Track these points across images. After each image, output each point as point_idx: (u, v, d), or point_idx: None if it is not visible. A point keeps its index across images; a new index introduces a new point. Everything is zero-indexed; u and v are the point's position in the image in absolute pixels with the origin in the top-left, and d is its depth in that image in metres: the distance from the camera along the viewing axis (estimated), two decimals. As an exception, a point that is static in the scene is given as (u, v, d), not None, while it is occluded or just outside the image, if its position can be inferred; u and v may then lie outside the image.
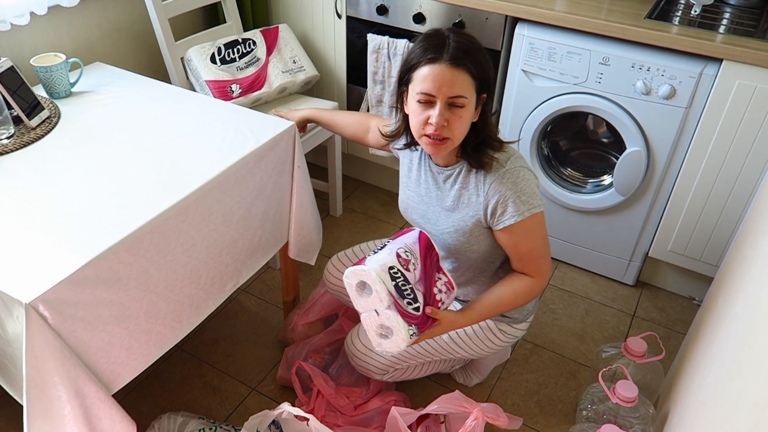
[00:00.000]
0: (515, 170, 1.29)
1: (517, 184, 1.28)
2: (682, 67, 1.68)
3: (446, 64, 1.19)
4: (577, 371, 1.84)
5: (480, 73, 1.22)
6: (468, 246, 1.39)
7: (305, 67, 2.17)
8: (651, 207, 1.94)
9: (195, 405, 1.70)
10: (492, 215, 1.32)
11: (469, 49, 1.20)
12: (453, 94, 1.20)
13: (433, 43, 1.21)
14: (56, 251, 1.11)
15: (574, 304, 2.09)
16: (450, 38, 1.21)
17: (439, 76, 1.19)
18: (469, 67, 1.19)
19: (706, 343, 1.30)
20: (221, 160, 1.38)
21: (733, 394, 0.88)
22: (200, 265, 1.36)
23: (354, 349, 1.54)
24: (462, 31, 1.27)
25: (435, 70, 1.19)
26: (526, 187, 1.29)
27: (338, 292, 1.68)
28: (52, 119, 1.51)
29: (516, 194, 1.28)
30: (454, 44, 1.20)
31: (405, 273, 1.27)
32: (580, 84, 1.84)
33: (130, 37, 2.05)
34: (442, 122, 1.22)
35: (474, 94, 1.22)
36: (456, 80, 1.19)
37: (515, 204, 1.28)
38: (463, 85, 1.20)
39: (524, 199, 1.29)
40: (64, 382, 1.09)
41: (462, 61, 1.19)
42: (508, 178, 1.28)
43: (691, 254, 1.94)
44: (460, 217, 1.36)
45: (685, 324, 2.01)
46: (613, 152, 2.06)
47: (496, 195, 1.29)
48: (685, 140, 1.78)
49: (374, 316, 1.27)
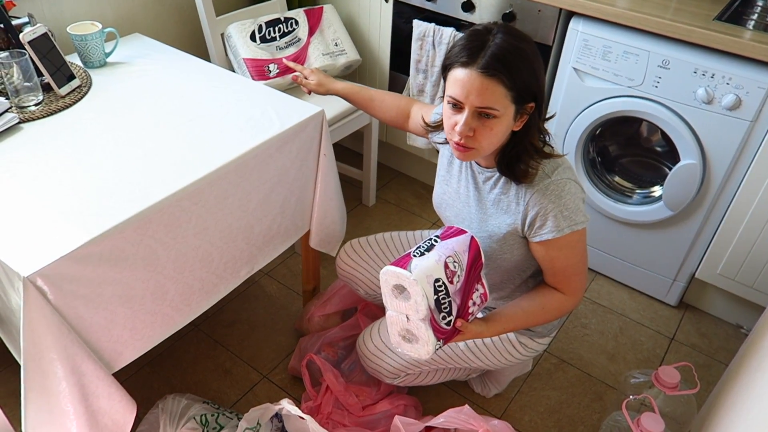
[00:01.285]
0: (561, 182, 1.19)
1: (561, 198, 1.18)
2: (752, 77, 1.53)
3: (478, 72, 1.07)
4: (604, 393, 1.73)
5: (519, 84, 1.08)
6: (500, 253, 1.31)
7: (347, 50, 2.10)
8: (702, 225, 1.80)
9: (204, 387, 1.68)
10: (530, 226, 1.23)
11: (509, 57, 1.07)
12: (481, 105, 1.09)
13: (472, 43, 1.09)
14: (62, 225, 1.09)
15: (608, 320, 1.96)
16: (493, 40, 1.08)
17: (468, 83, 1.09)
18: (503, 78, 1.07)
19: (749, 379, 1.18)
20: (242, 143, 1.33)
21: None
22: (213, 249, 1.33)
23: (365, 349, 1.49)
24: (514, 30, 1.11)
25: (465, 76, 1.09)
26: (570, 202, 1.19)
27: (349, 280, 1.62)
28: (83, 89, 1.50)
29: (558, 208, 1.18)
30: (494, 49, 1.07)
31: (448, 286, 1.17)
32: (635, 87, 1.70)
33: (173, 10, 2.03)
34: (467, 132, 1.13)
35: (510, 105, 1.10)
36: (486, 91, 1.08)
37: (556, 218, 1.19)
38: (494, 97, 1.08)
39: (566, 215, 1.19)
40: (60, 359, 1.07)
41: (496, 70, 1.06)
42: (552, 191, 1.18)
43: (742, 280, 1.79)
44: (496, 222, 1.27)
45: (729, 353, 1.87)
46: (667, 162, 1.91)
47: (537, 206, 1.19)
48: (747, 157, 1.63)
49: (403, 320, 1.19)
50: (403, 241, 1.62)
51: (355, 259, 1.59)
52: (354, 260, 1.59)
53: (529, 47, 1.10)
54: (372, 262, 1.59)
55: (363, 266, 1.59)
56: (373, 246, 1.61)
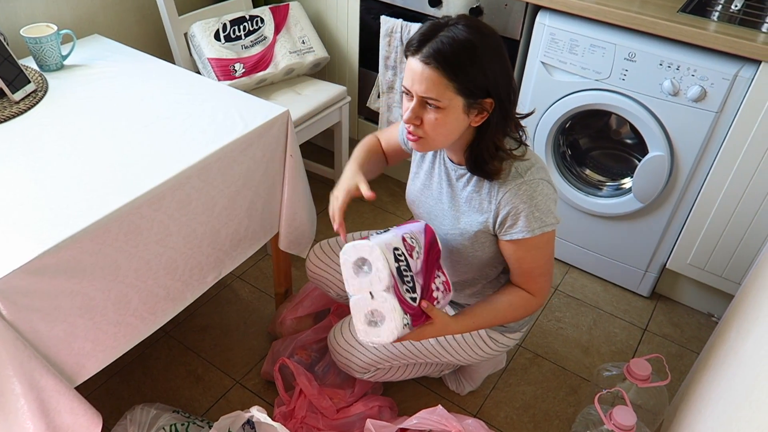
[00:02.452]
0: (534, 183, 1.18)
1: (533, 198, 1.18)
2: (716, 68, 1.53)
3: (419, 61, 1.07)
4: (579, 386, 1.74)
5: (462, 78, 1.06)
6: (472, 251, 1.30)
7: (315, 48, 2.07)
8: (672, 216, 1.81)
9: (176, 394, 1.65)
10: (501, 225, 1.22)
11: (454, 49, 1.05)
12: (423, 94, 1.09)
13: (424, 32, 1.08)
14: (14, 237, 1.05)
15: (582, 313, 1.97)
16: (445, 31, 1.07)
17: (411, 71, 1.09)
18: (444, 70, 1.05)
19: (716, 371, 1.19)
20: (204, 146, 1.30)
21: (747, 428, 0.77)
22: (177, 256, 1.29)
23: (336, 344, 1.47)
24: (476, 24, 1.08)
25: (411, 64, 1.09)
26: (542, 203, 1.18)
27: (319, 282, 1.60)
28: (38, 93, 1.45)
29: (530, 209, 1.18)
30: (442, 40, 1.05)
31: (408, 259, 1.18)
32: (602, 80, 1.70)
33: (134, 10, 1.98)
34: (414, 120, 1.13)
35: (455, 97, 1.08)
36: (426, 80, 1.07)
37: (527, 219, 1.18)
38: (436, 87, 1.07)
39: (538, 215, 1.18)
40: (17, 375, 1.03)
41: (435, 61, 1.05)
42: (524, 191, 1.17)
43: (712, 269, 1.81)
44: (468, 220, 1.26)
45: (700, 342, 1.89)
46: (636, 154, 1.92)
47: (509, 206, 1.18)
48: (713, 147, 1.64)
49: (367, 300, 1.17)
50: None
51: (324, 260, 1.57)
52: (324, 262, 1.57)
53: (485, 41, 1.07)
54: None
55: (333, 267, 1.57)
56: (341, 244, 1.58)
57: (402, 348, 1.43)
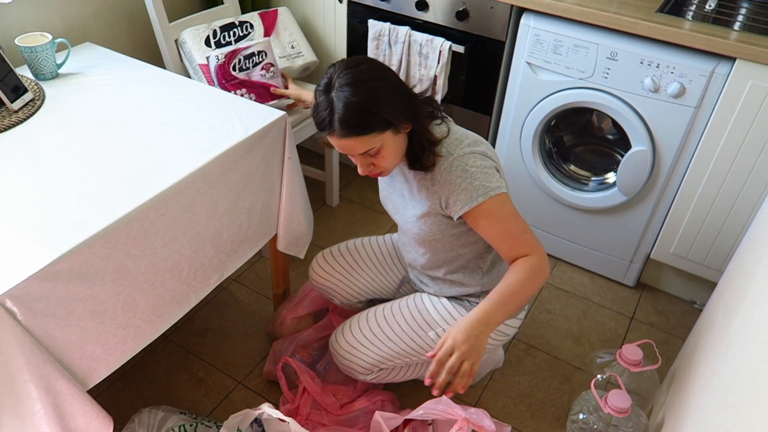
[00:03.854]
0: (464, 157, 1.25)
1: (466, 171, 1.24)
2: (693, 65, 1.61)
3: (339, 137, 1.19)
4: (572, 374, 1.80)
5: (378, 124, 1.18)
6: (432, 235, 1.37)
7: (304, 52, 2.11)
8: (655, 208, 1.88)
9: (179, 397, 1.67)
10: (447, 205, 1.29)
11: (353, 111, 1.16)
12: (360, 152, 1.21)
13: (322, 112, 1.19)
14: (28, 244, 1.07)
15: (571, 304, 2.04)
16: (336, 101, 1.16)
17: (340, 146, 1.21)
18: (359, 132, 1.17)
19: (704, 355, 1.25)
20: (207, 150, 1.33)
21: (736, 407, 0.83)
22: (182, 259, 1.32)
23: (338, 346, 1.50)
24: (352, 72, 1.17)
25: (335, 141, 1.21)
26: (477, 172, 1.24)
27: (324, 289, 1.64)
28: (36, 102, 1.46)
29: (466, 181, 1.24)
30: (339, 112, 1.16)
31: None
32: (586, 79, 1.77)
33: (124, 17, 1.99)
34: (367, 169, 1.27)
35: (383, 134, 1.19)
36: (355, 145, 1.19)
37: (466, 191, 1.24)
38: (364, 143, 1.19)
39: (476, 185, 1.23)
40: (34, 380, 1.05)
41: (350, 130, 1.17)
42: (456, 166, 1.25)
43: (694, 258, 1.89)
44: (422, 206, 1.34)
45: (685, 329, 1.96)
46: (619, 149, 1.99)
47: (447, 184, 1.26)
48: (692, 141, 1.71)
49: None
50: (374, 246, 1.66)
51: (328, 270, 1.63)
52: (327, 271, 1.63)
53: (368, 86, 1.17)
54: (345, 272, 1.63)
55: (337, 277, 1.62)
56: (345, 256, 1.64)
57: (405, 346, 1.47)
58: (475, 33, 1.91)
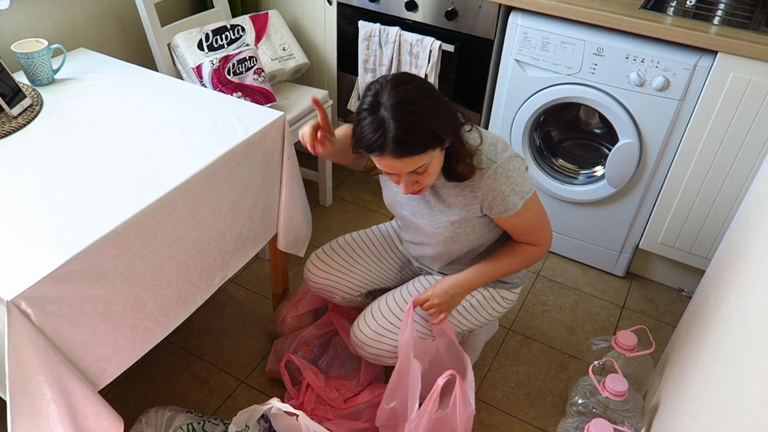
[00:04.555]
0: (506, 163, 1.29)
1: (509, 177, 1.29)
2: (677, 59, 1.66)
3: (393, 157, 1.17)
4: (567, 363, 1.84)
5: (429, 143, 1.18)
6: (464, 235, 1.40)
7: (295, 54, 2.13)
8: (642, 199, 1.94)
9: (183, 398, 1.68)
10: (489, 208, 1.33)
11: (410, 131, 1.15)
12: (410, 170, 1.21)
13: (373, 133, 1.15)
14: (38, 247, 1.08)
15: (564, 295, 2.09)
16: (388, 120, 1.14)
17: (390, 166, 1.20)
18: (413, 152, 1.17)
19: (697, 338, 1.30)
20: (209, 151, 1.35)
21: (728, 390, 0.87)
22: (188, 259, 1.34)
23: (362, 340, 1.50)
24: (401, 91, 1.16)
25: (385, 161, 1.19)
26: (518, 177, 1.30)
27: (323, 290, 1.64)
28: (35, 107, 1.47)
29: (510, 187, 1.29)
30: (394, 132, 1.14)
31: None
32: (573, 74, 1.82)
33: (115, 22, 2.00)
34: (412, 189, 1.26)
35: (432, 152, 1.19)
36: (407, 164, 1.18)
37: (509, 197, 1.30)
38: (416, 162, 1.19)
39: (517, 190, 1.30)
40: (48, 380, 1.06)
41: (408, 150, 1.16)
42: (501, 173, 1.28)
43: (681, 246, 1.95)
44: (456, 212, 1.36)
45: (674, 316, 2.02)
46: (605, 143, 2.05)
47: (492, 191, 1.29)
48: (677, 133, 1.77)
49: None
50: (366, 238, 1.66)
51: (324, 269, 1.60)
52: (324, 270, 1.60)
53: (420, 105, 1.16)
54: (343, 268, 1.61)
55: (335, 274, 1.61)
56: (339, 252, 1.62)
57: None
58: (464, 32, 1.96)
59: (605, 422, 1.32)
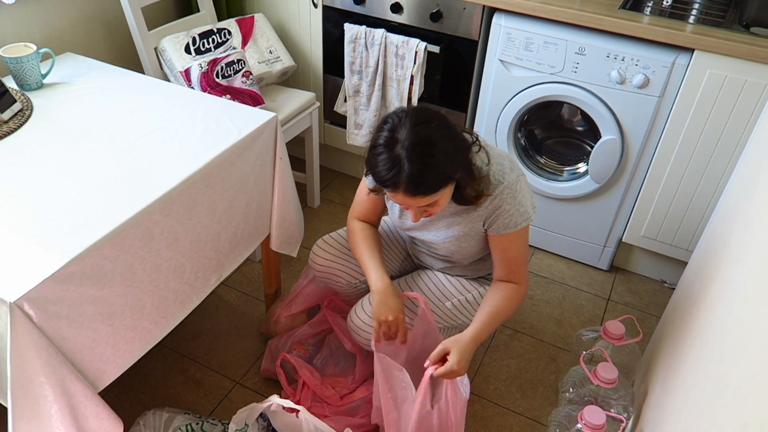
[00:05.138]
0: (513, 183, 1.33)
1: (515, 198, 1.33)
2: (656, 57, 1.72)
3: (405, 193, 1.20)
4: (557, 355, 1.89)
5: (443, 182, 1.21)
6: (468, 248, 1.44)
7: (282, 57, 2.15)
8: (625, 194, 1.99)
9: (178, 400, 1.68)
10: (491, 224, 1.37)
11: (425, 174, 1.17)
12: (420, 206, 1.24)
13: (389, 170, 1.18)
14: (38, 249, 1.08)
15: (551, 289, 2.13)
16: (404, 160, 1.16)
17: (403, 201, 1.24)
18: (427, 192, 1.20)
19: (684, 324, 1.35)
20: (204, 152, 1.36)
21: (719, 369, 0.91)
22: (184, 260, 1.34)
23: (359, 321, 1.52)
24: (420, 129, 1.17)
25: (398, 197, 1.22)
26: (524, 198, 1.35)
27: (327, 275, 1.63)
28: (25, 112, 1.46)
29: (515, 207, 1.34)
30: (408, 173, 1.16)
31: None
32: (556, 73, 1.86)
33: (101, 27, 2.00)
34: (419, 218, 1.30)
35: (443, 189, 1.22)
36: (419, 201, 1.22)
37: (513, 216, 1.34)
38: (428, 199, 1.22)
39: (522, 210, 1.34)
40: (50, 381, 1.07)
41: (421, 191, 1.19)
42: (508, 193, 1.32)
43: (663, 239, 2.00)
44: (461, 227, 1.40)
45: (657, 306, 2.08)
46: (587, 140, 2.10)
47: (497, 209, 1.34)
48: (658, 128, 1.83)
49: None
50: None
51: (331, 252, 1.60)
52: (331, 253, 1.60)
53: (438, 148, 1.17)
54: (348, 253, 1.61)
55: (341, 258, 1.61)
56: (342, 240, 1.63)
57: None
58: (449, 33, 1.99)
59: (598, 409, 1.36)
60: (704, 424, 0.88)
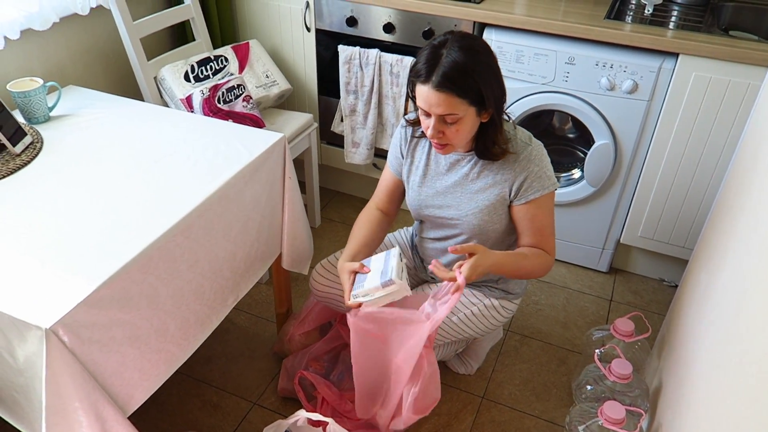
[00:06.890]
0: (539, 147, 1.41)
1: (542, 160, 1.39)
2: (643, 63, 1.79)
3: (433, 88, 1.23)
4: (566, 357, 1.92)
5: (470, 94, 1.24)
6: (491, 225, 1.45)
7: (278, 81, 2.19)
8: (620, 196, 2.05)
9: (197, 424, 1.68)
10: (518, 190, 1.39)
11: (460, 71, 1.21)
12: (442, 113, 1.26)
13: (428, 61, 1.24)
14: (65, 275, 1.09)
15: (554, 294, 2.17)
16: (445, 56, 1.22)
17: (427, 98, 1.26)
18: (455, 91, 1.23)
19: (691, 320, 1.39)
20: (219, 174, 1.39)
21: (739, 348, 0.95)
22: (204, 281, 1.36)
23: (319, 276, 1.63)
24: (467, 42, 1.25)
25: (424, 91, 1.25)
26: (547, 165, 1.41)
27: (326, 300, 1.67)
28: (36, 144, 1.48)
29: (542, 169, 1.38)
30: (445, 66, 1.21)
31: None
32: (548, 83, 1.93)
33: (100, 59, 2.03)
34: (436, 134, 1.31)
35: (469, 107, 1.26)
36: (443, 103, 1.24)
37: (541, 179, 1.38)
38: (451, 106, 1.24)
39: (548, 174, 1.40)
40: (84, 407, 1.07)
41: (448, 86, 1.22)
42: (534, 155, 1.38)
43: (660, 238, 2.06)
44: (486, 196, 1.42)
45: (659, 304, 2.13)
46: (579, 147, 2.17)
47: (525, 171, 1.37)
48: (648, 131, 1.90)
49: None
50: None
51: (330, 278, 1.63)
52: (330, 279, 1.64)
53: (478, 58, 1.25)
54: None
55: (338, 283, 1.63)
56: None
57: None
58: (441, 50, 2.05)
59: (617, 403, 1.39)
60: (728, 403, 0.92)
